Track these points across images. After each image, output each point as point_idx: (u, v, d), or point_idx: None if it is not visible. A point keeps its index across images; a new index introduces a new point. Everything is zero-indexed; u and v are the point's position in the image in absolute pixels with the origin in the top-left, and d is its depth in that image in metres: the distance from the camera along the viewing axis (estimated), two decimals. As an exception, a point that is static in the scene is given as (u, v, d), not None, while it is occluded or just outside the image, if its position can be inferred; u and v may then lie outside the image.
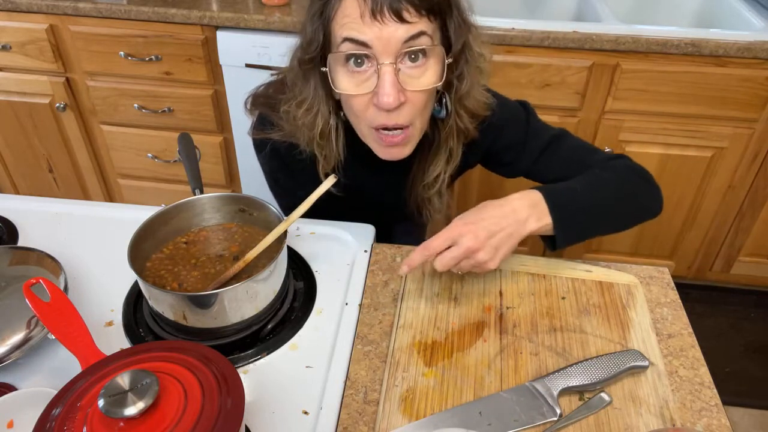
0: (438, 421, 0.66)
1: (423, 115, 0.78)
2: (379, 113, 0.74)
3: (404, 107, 0.74)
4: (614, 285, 0.85)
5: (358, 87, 0.74)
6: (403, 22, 0.69)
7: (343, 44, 0.71)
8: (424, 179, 0.90)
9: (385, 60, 0.70)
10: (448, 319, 0.80)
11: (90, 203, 1.03)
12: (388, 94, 0.71)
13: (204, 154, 1.83)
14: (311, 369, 0.73)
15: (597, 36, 1.44)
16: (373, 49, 0.70)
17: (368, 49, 0.70)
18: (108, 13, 1.61)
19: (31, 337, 0.70)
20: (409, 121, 0.76)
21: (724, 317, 1.91)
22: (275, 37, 1.56)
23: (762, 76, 1.46)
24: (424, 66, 0.73)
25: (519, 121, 0.92)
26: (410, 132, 0.78)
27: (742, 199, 1.71)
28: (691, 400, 0.70)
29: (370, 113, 0.75)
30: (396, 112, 0.74)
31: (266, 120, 0.89)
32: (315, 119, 0.81)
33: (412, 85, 0.73)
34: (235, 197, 0.85)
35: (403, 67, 0.72)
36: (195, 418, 0.50)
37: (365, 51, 0.70)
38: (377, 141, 0.79)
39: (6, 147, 1.98)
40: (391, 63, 0.70)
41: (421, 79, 0.73)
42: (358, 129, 0.81)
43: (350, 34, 0.70)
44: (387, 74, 0.71)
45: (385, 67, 0.70)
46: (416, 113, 0.76)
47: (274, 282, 0.77)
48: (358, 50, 0.71)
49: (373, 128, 0.77)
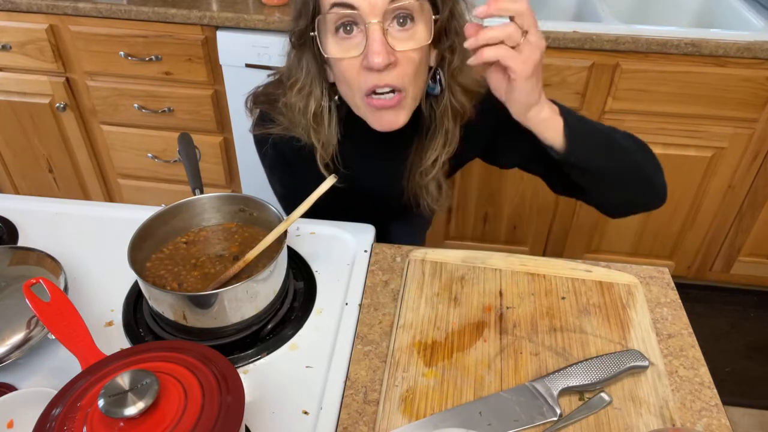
0: (438, 421, 0.66)
1: (416, 83, 0.78)
2: (370, 75, 0.74)
3: (395, 68, 0.74)
4: (614, 285, 0.85)
5: (347, 51, 0.74)
6: None
7: (331, 10, 0.72)
8: (421, 165, 0.90)
9: (372, 19, 0.71)
10: (448, 319, 0.80)
11: (90, 203, 1.03)
12: (377, 53, 0.71)
13: (204, 154, 1.83)
14: (311, 369, 0.73)
15: (597, 36, 1.44)
16: (359, 10, 0.71)
17: (354, 11, 0.71)
18: (108, 13, 1.61)
19: (31, 337, 0.70)
20: (401, 83, 0.76)
21: (724, 317, 1.91)
22: (275, 37, 1.57)
23: (762, 76, 1.46)
24: (412, 29, 0.74)
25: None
26: (404, 96, 0.78)
27: (742, 199, 1.71)
28: (691, 400, 0.70)
29: (361, 78, 0.75)
30: (386, 72, 0.74)
31: (266, 116, 0.90)
32: (308, 100, 0.82)
33: (402, 45, 0.73)
34: (235, 197, 0.85)
35: (391, 30, 0.73)
36: (195, 418, 0.50)
37: (352, 13, 0.71)
38: (370, 108, 0.79)
39: (6, 147, 1.98)
40: (378, 22, 0.71)
41: (410, 40, 0.74)
42: (351, 101, 0.81)
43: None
44: (374, 32, 0.71)
45: (372, 26, 0.71)
46: (408, 77, 0.76)
47: (274, 282, 0.77)
48: (345, 13, 0.71)
49: (365, 94, 0.77)
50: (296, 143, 0.87)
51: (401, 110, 0.79)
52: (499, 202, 1.82)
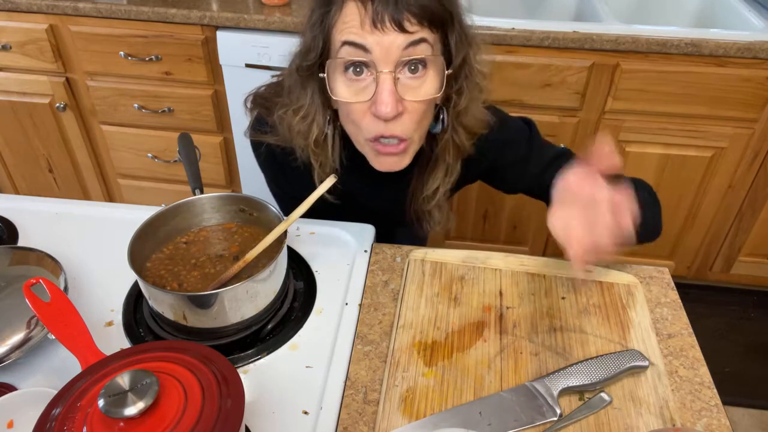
0: (438, 421, 0.66)
1: (421, 128, 0.77)
2: (377, 122, 0.73)
3: (402, 117, 0.73)
4: (614, 285, 0.85)
5: (356, 95, 0.73)
6: (403, 31, 0.68)
7: (342, 48, 0.71)
8: (423, 192, 0.89)
9: (384, 68, 0.70)
10: (448, 319, 0.80)
11: (90, 203, 1.03)
12: (386, 103, 0.70)
13: (204, 154, 1.83)
14: (311, 369, 0.73)
15: (597, 36, 1.45)
16: (372, 54, 0.69)
17: (368, 54, 0.69)
18: (108, 13, 1.61)
19: (31, 337, 0.70)
20: (407, 133, 0.75)
21: (724, 317, 1.91)
22: (275, 37, 1.57)
23: (762, 76, 1.46)
24: (423, 77, 0.72)
25: (521, 139, 0.92)
26: (408, 144, 0.77)
27: (742, 199, 1.71)
28: (691, 400, 0.70)
29: (367, 122, 0.74)
30: (393, 122, 0.73)
31: (263, 121, 0.89)
32: (310, 127, 0.81)
33: (411, 95, 0.72)
34: (235, 197, 0.84)
35: (402, 77, 0.71)
36: (195, 418, 0.50)
37: (364, 57, 0.70)
38: (374, 151, 0.78)
39: (6, 147, 1.98)
40: (390, 72, 0.70)
41: (419, 90, 0.73)
42: (355, 139, 0.80)
43: (350, 38, 0.69)
44: (385, 82, 0.70)
45: (383, 75, 0.70)
46: (414, 125, 0.75)
47: (274, 282, 0.77)
48: (357, 55, 0.70)
49: (370, 139, 0.76)
50: (292, 154, 0.86)
51: (405, 156, 0.78)
52: (499, 202, 1.82)
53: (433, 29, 0.71)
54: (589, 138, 1.63)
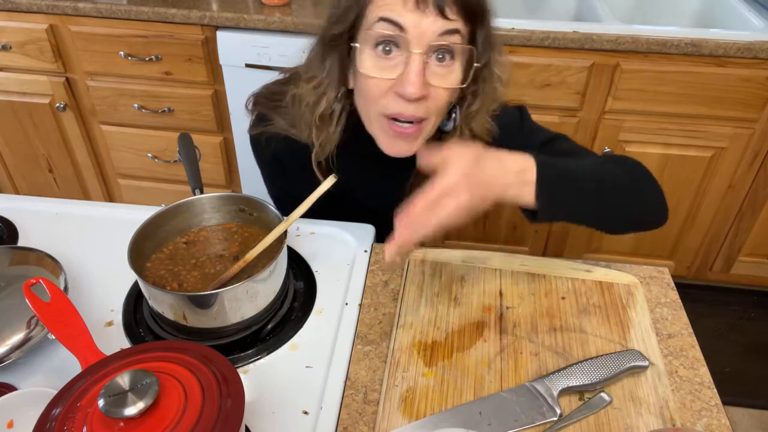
0: (438, 421, 0.66)
1: (437, 116, 0.78)
2: (398, 101, 0.73)
3: (423, 102, 0.73)
4: (614, 285, 0.85)
5: (382, 71, 0.73)
6: (443, 17, 0.69)
7: (378, 23, 0.71)
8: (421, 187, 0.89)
9: (417, 49, 0.70)
10: (448, 319, 0.80)
11: (90, 203, 1.03)
12: (413, 83, 0.70)
13: (204, 154, 1.82)
14: (311, 369, 0.73)
15: (597, 36, 1.45)
16: (407, 34, 0.69)
17: (402, 33, 0.70)
18: (108, 13, 1.61)
19: (31, 337, 0.70)
20: (426, 114, 0.75)
21: (724, 317, 1.91)
22: (275, 37, 1.57)
23: (762, 76, 1.46)
24: (450, 67, 0.73)
25: (512, 123, 0.92)
26: (423, 126, 0.77)
27: (742, 199, 1.71)
28: (691, 400, 0.70)
29: (388, 100, 0.74)
30: (415, 104, 0.73)
31: (264, 117, 0.89)
32: (320, 99, 0.81)
33: (437, 81, 0.73)
34: (235, 197, 0.84)
35: (430, 63, 0.72)
36: (195, 418, 0.50)
37: (399, 34, 0.70)
38: (386, 131, 0.78)
39: (6, 147, 1.98)
40: (421, 53, 0.70)
41: (445, 78, 0.73)
42: (366, 116, 0.80)
43: (388, 15, 0.70)
44: (415, 63, 0.70)
45: (414, 56, 0.70)
46: (434, 109, 0.75)
47: (274, 282, 0.77)
48: (392, 31, 0.70)
49: (385, 116, 0.76)
50: (293, 144, 0.86)
51: (416, 140, 0.78)
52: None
53: (468, 22, 0.72)
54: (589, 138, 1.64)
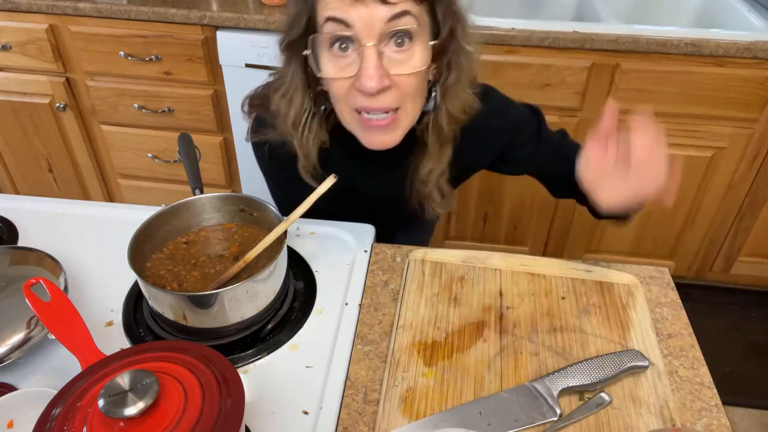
0: (438, 421, 0.66)
1: (415, 101, 0.76)
2: (362, 96, 0.72)
3: (389, 91, 0.72)
4: (614, 285, 0.85)
5: (341, 70, 0.72)
6: (385, 3, 0.67)
7: (326, 24, 0.70)
8: (418, 175, 0.88)
9: (368, 42, 0.68)
10: (448, 319, 0.80)
11: (90, 203, 1.03)
12: (370, 77, 0.69)
13: (204, 154, 1.82)
14: (311, 369, 0.73)
15: (597, 36, 1.44)
16: (355, 29, 0.68)
17: (350, 29, 0.69)
18: (108, 13, 1.61)
19: (31, 337, 0.70)
20: (398, 103, 0.74)
21: (724, 317, 1.91)
22: (275, 37, 1.55)
23: (762, 76, 1.46)
24: (410, 50, 0.71)
25: (530, 121, 0.94)
26: (399, 116, 0.75)
27: (742, 199, 1.71)
28: (691, 400, 0.70)
29: (352, 96, 0.73)
30: (381, 95, 0.72)
31: (262, 121, 0.89)
32: (289, 107, 0.80)
33: (397, 69, 0.71)
34: (235, 197, 0.84)
35: (388, 51, 0.70)
36: (195, 418, 0.50)
37: (348, 32, 0.69)
38: (361, 126, 0.77)
39: (6, 147, 1.98)
40: (374, 45, 0.69)
41: (406, 63, 0.71)
42: (342, 117, 0.79)
43: (333, 14, 0.69)
44: (370, 56, 0.69)
45: (367, 50, 0.69)
46: (404, 97, 0.74)
47: (274, 282, 0.77)
48: (340, 31, 0.69)
49: (355, 110, 0.75)
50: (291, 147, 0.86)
51: (396, 129, 0.77)
52: (499, 202, 1.82)
53: (417, 0, 0.70)
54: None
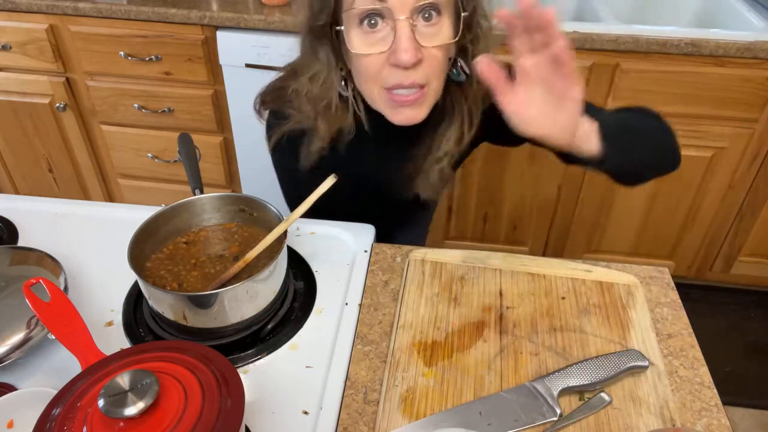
0: (438, 421, 0.66)
1: (439, 77, 0.77)
2: (395, 72, 0.73)
3: (421, 65, 0.73)
4: (614, 285, 0.85)
5: (373, 46, 0.73)
6: None
7: (357, 1, 0.71)
8: (431, 151, 0.88)
9: (401, 15, 0.70)
10: (448, 319, 0.80)
11: (90, 203, 1.03)
12: (406, 50, 0.70)
13: (204, 154, 1.82)
14: (311, 369, 0.73)
15: (597, 36, 1.44)
16: (389, 2, 0.69)
17: (383, 2, 0.70)
18: (108, 13, 1.61)
19: (31, 337, 0.70)
20: (426, 79, 0.75)
21: (724, 317, 1.91)
22: (275, 37, 1.56)
23: (762, 76, 1.46)
24: (438, 23, 0.73)
25: None
26: (426, 92, 0.77)
27: (742, 199, 1.71)
28: (691, 400, 0.70)
29: (385, 73, 0.74)
30: (413, 70, 0.73)
31: (278, 115, 0.89)
32: (324, 90, 0.81)
33: (428, 41, 0.72)
34: (235, 197, 0.85)
35: (418, 24, 0.72)
36: (195, 418, 0.50)
37: (380, 5, 0.70)
38: (389, 104, 0.78)
39: (6, 147, 1.98)
40: (407, 18, 0.70)
41: (436, 36, 0.73)
42: (369, 94, 0.80)
43: None
44: (403, 29, 0.70)
45: (401, 23, 0.70)
46: (432, 72, 0.75)
47: (274, 282, 0.77)
48: (373, 5, 0.70)
49: (387, 89, 0.76)
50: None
51: (422, 105, 0.78)
52: (499, 202, 1.82)
53: None
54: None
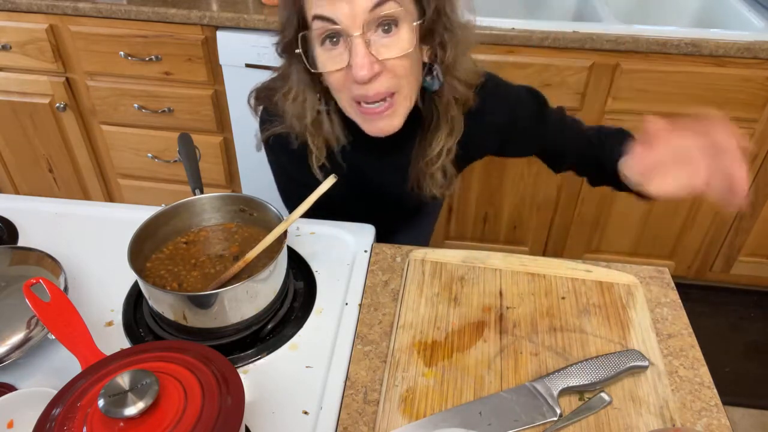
0: (438, 421, 0.66)
1: (409, 83, 0.78)
2: (357, 85, 0.74)
3: (382, 77, 0.74)
4: (614, 285, 0.85)
5: (333, 63, 0.74)
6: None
7: (314, 22, 0.72)
8: (425, 155, 0.89)
9: (354, 32, 0.70)
10: (448, 319, 0.80)
11: (90, 203, 1.03)
12: (360, 66, 0.71)
13: (204, 154, 1.82)
14: (311, 369, 0.73)
15: (597, 36, 1.44)
16: (340, 23, 0.70)
17: (336, 25, 0.70)
18: (108, 13, 1.61)
19: (31, 337, 0.70)
20: (394, 87, 0.75)
21: (724, 317, 1.91)
22: (275, 37, 1.56)
23: (762, 76, 1.46)
24: (396, 34, 0.73)
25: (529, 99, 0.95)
26: (396, 100, 0.77)
27: (742, 199, 1.71)
28: (691, 400, 0.70)
29: (349, 87, 0.75)
30: (374, 83, 0.74)
31: (270, 113, 0.90)
32: (303, 108, 0.82)
33: (386, 53, 0.73)
34: (235, 197, 0.85)
35: (375, 38, 0.72)
36: (195, 418, 0.50)
37: (334, 27, 0.71)
38: (360, 116, 0.79)
39: (6, 147, 1.98)
40: (360, 35, 0.70)
41: (394, 47, 0.73)
42: (343, 107, 0.81)
43: (318, 12, 0.71)
44: (357, 46, 0.71)
45: (354, 40, 0.71)
46: (398, 81, 0.75)
47: (274, 282, 0.77)
48: (327, 26, 0.71)
49: (354, 101, 0.77)
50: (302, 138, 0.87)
51: (395, 115, 0.79)
52: (499, 202, 1.82)
53: None
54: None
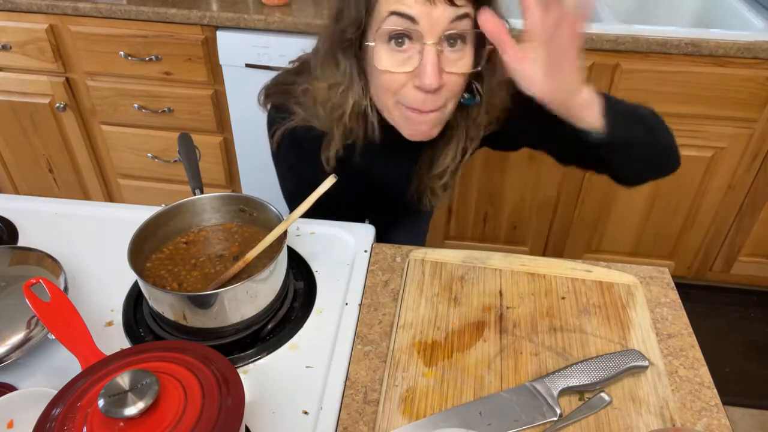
0: (438, 421, 0.66)
1: (454, 101, 0.79)
2: (414, 93, 0.74)
3: (441, 90, 0.74)
4: (614, 285, 0.85)
5: (399, 65, 0.74)
6: (452, 4, 0.69)
7: (389, 18, 0.71)
8: (432, 169, 0.90)
9: (430, 40, 0.70)
10: (448, 319, 0.80)
11: (90, 203, 1.03)
12: (430, 76, 0.71)
13: (204, 154, 1.82)
14: (311, 369, 0.73)
15: (597, 36, 1.44)
16: (419, 25, 0.70)
17: (415, 25, 0.70)
18: (108, 13, 1.61)
19: (31, 337, 0.70)
20: (443, 103, 0.76)
21: (724, 317, 1.91)
22: (275, 37, 1.56)
23: (762, 76, 1.46)
24: (462, 51, 0.74)
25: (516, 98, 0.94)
26: (441, 115, 0.78)
27: (742, 199, 1.71)
28: (691, 400, 0.70)
29: (406, 91, 0.75)
30: (433, 95, 0.74)
31: (281, 109, 0.89)
32: (347, 99, 0.81)
33: (452, 67, 0.73)
34: (235, 197, 0.85)
35: (444, 50, 0.72)
36: (195, 418, 0.50)
37: (411, 27, 0.70)
38: (404, 118, 0.79)
39: (6, 147, 1.98)
40: (434, 44, 0.70)
41: (459, 63, 0.74)
42: (384, 106, 0.81)
43: (398, 8, 0.70)
44: (430, 54, 0.71)
45: (429, 47, 0.71)
46: (450, 97, 0.77)
47: (274, 282, 0.77)
48: (404, 25, 0.70)
49: (405, 106, 0.77)
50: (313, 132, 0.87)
51: (437, 124, 0.80)
52: (499, 202, 1.82)
53: (475, 5, 0.72)
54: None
